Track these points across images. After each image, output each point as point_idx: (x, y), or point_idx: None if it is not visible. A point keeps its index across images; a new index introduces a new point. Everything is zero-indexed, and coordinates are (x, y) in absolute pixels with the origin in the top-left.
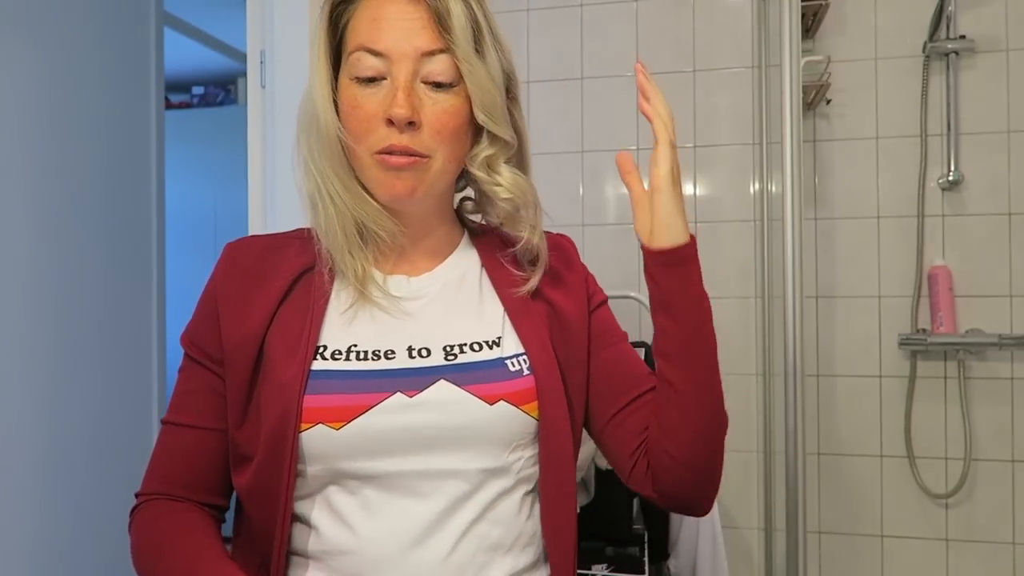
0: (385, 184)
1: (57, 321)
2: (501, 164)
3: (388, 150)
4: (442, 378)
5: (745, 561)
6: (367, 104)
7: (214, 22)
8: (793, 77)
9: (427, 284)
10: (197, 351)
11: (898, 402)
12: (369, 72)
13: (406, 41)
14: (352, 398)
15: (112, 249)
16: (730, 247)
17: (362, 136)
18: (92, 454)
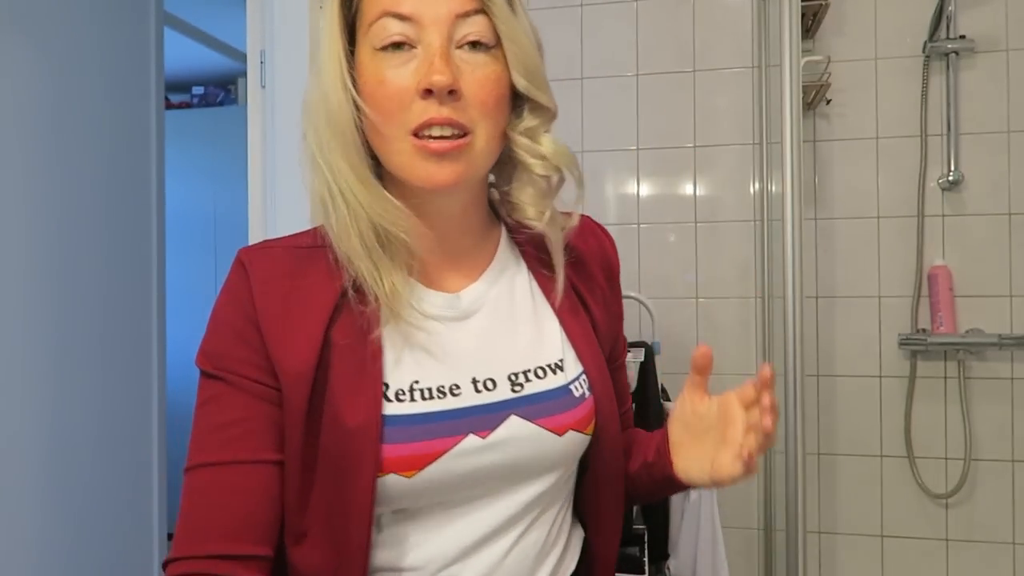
0: (424, 172)
1: (57, 321)
2: (543, 134)
3: (427, 124)
4: (512, 413)
5: (745, 561)
6: (397, 77)
7: (214, 22)
8: (793, 77)
9: (477, 298)
10: (236, 375)
11: (898, 402)
12: (395, 38)
13: (438, 2)
14: (424, 445)
15: (112, 249)
16: (730, 247)
17: (393, 113)
18: (92, 453)
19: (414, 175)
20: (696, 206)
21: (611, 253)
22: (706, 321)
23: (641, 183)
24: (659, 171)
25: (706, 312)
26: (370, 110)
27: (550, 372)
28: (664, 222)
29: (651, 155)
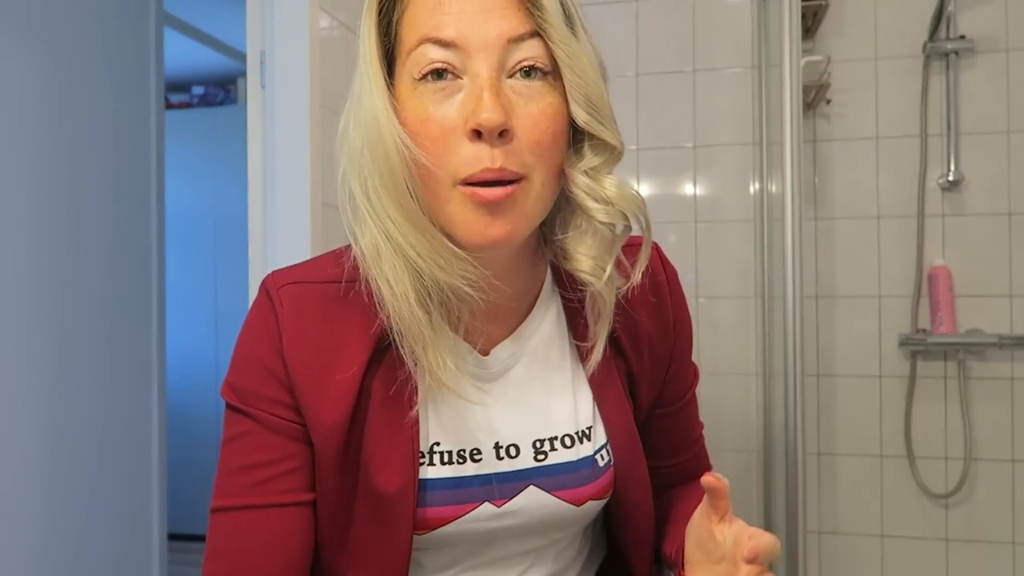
0: (475, 226)
1: (57, 321)
2: (606, 176)
3: (481, 179)
4: (531, 484)
5: None
6: (441, 114)
7: (214, 22)
8: (793, 77)
9: (509, 356)
10: (267, 412)
11: (898, 402)
12: (436, 65)
13: (486, 25)
14: (438, 510)
15: (112, 249)
16: (730, 247)
17: (439, 156)
18: (93, 453)
19: (464, 230)
20: (696, 206)
21: (667, 297)
22: (706, 321)
23: (641, 183)
24: (659, 171)
25: (706, 312)
26: (414, 150)
27: (577, 441)
28: (664, 222)
29: (651, 155)
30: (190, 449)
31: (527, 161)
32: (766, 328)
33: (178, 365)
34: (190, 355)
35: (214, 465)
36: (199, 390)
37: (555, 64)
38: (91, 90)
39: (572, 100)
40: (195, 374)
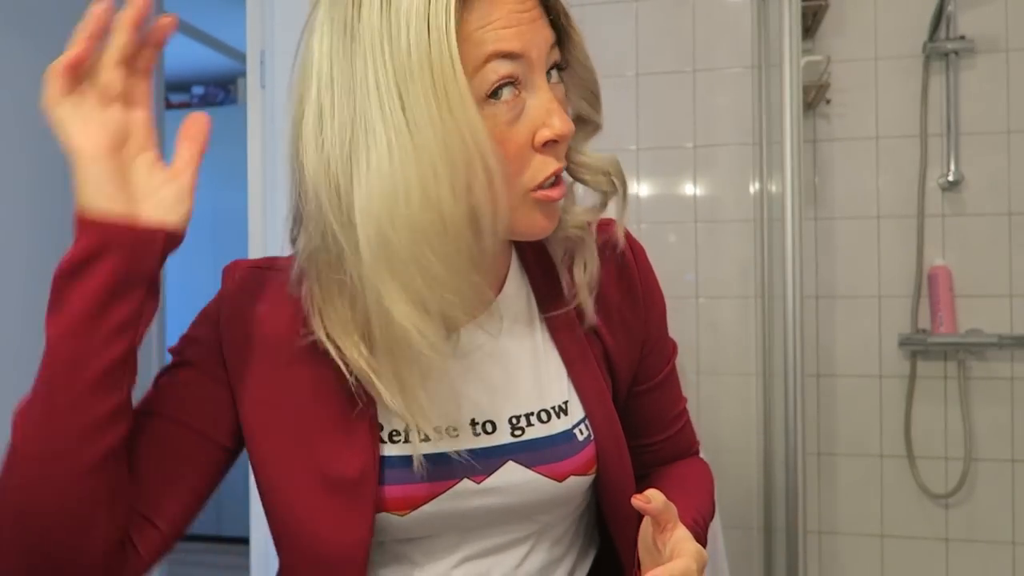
0: (541, 223)
1: None
2: (586, 147)
3: (550, 178)
4: (510, 459)
5: (745, 561)
6: (515, 132)
7: (214, 22)
8: (793, 77)
9: (482, 335)
10: (199, 357)
11: (898, 402)
12: (508, 79)
13: (538, 35)
14: (416, 488)
15: None
16: (730, 247)
17: (515, 175)
18: None
19: (531, 229)
20: (696, 206)
21: (634, 274)
22: (706, 321)
23: (641, 183)
24: (659, 171)
25: (706, 312)
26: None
27: (554, 415)
28: (664, 222)
29: (651, 155)
30: None
31: (563, 152)
32: (766, 328)
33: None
34: None
35: None
36: None
37: (565, 63)
38: None
39: (579, 95)
40: None
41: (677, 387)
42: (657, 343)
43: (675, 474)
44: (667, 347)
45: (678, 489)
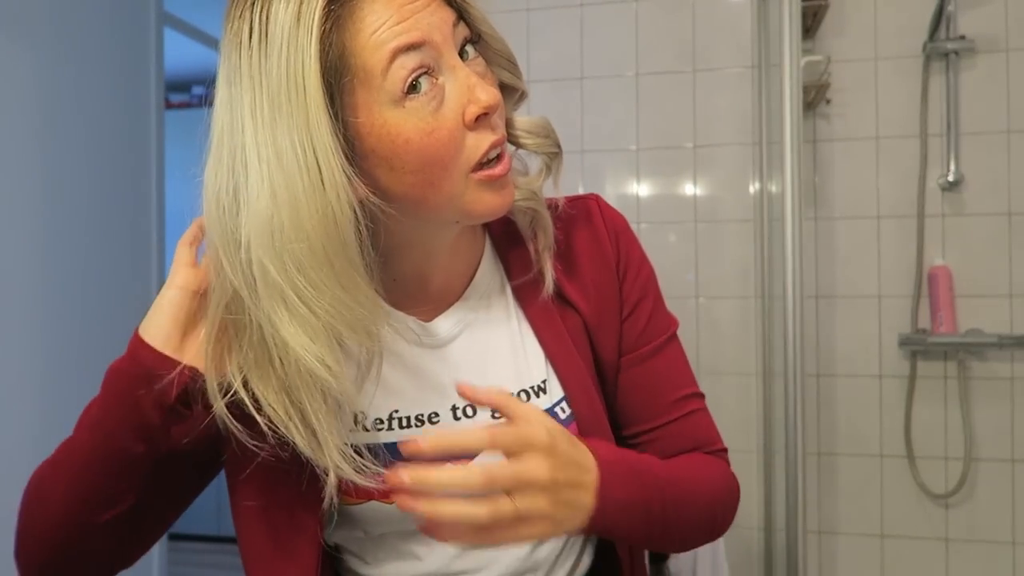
0: (493, 203)
1: (57, 321)
2: (519, 115)
3: (491, 149)
4: None
5: (745, 561)
6: (443, 117)
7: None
8: (793, 77)
9: (455, 323)
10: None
11: (898, 402)
12: (420, 70)
13: (435, 17)
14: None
15: (112, 249)
16: (730, 247)
17: (451, 161)
18: None
19: (483, 209)
20: (696, 206)
21: (605, 240)
22: (706, 321)
23: (641, 183)
24: (659, 171)
25: (706, 312)
26: (416, 171)
27: (533, 395)
28: (664, 222)
29: (651, 155)
30: None
31: (502, 128)
32: (766, 328)
33: None
34: None
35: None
36: None
37: (477, 37)
38: (91, 90)
39: (496, 64)
40: None
41: (679, 369)
42: (639, 308)
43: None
44: (657, 317)
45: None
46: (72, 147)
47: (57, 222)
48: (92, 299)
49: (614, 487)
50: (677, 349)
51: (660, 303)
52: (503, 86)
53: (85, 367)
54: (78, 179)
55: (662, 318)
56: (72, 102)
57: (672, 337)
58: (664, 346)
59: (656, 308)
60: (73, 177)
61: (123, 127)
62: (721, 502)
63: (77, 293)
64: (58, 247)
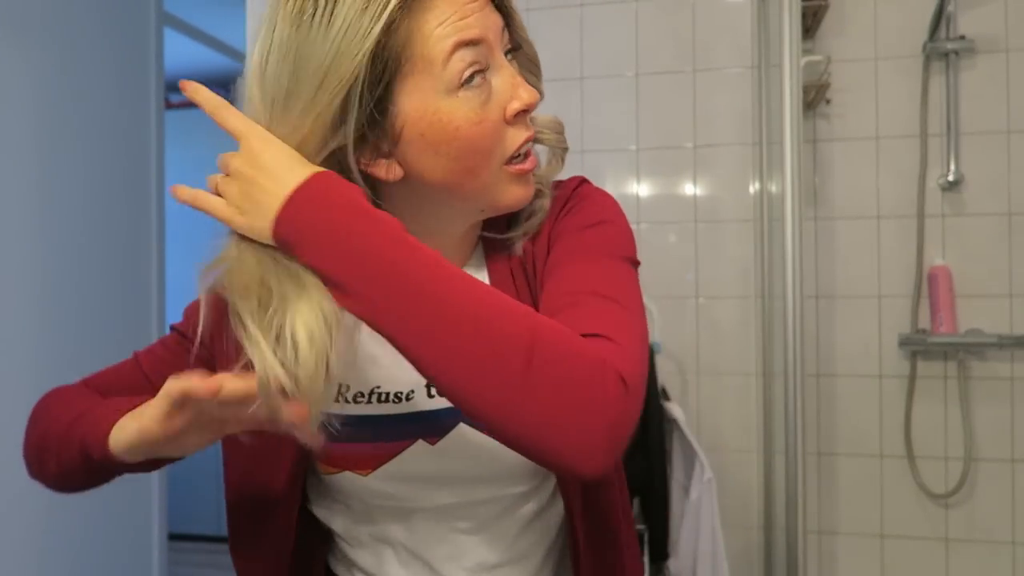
0: (518, 194)
1: (57, 321)
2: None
3: (524, 144)
4: (461, 422)
5: (745, 561)
6: (489, 110)
7: (214, 22)
8: (793, 77)
9: None
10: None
11: (898, 402)
12: (477, 66)
13: (489, 19)
14: (376, 447)
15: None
16: (730, 247)
17: (493, 152)
18: None
19: (508, 201)
20: (696, 206)
21: (554, 214)
22: (706, 321)
23: (641, 183)
24: (659, 171)
25: (706, 312)
26: (460, 158)
27: None
28: (664, 222)
29: (651, 155)
30: None
31: (530, 123)
32: (766, 328)
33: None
34: None
35: (214, 465)
36: None
37: (517, 45)
38: (91, 90)
39: (526, 70)
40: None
41: (573, 272)
42: (564, 238)
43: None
44: (571, 243)
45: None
46: (72, 147)
47: (57, 222)
48: (92, 299)
49: (307, 209)
50: (590, 258)
51: (595, 264)
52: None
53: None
54: (78, 179)
55: (575, 239)
56: (72, 102)
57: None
58: (571, 256)
59: (583, 240)
60: (73, 177)
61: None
62: (540, 350)
63: (77, 293)
64: (58, 247)
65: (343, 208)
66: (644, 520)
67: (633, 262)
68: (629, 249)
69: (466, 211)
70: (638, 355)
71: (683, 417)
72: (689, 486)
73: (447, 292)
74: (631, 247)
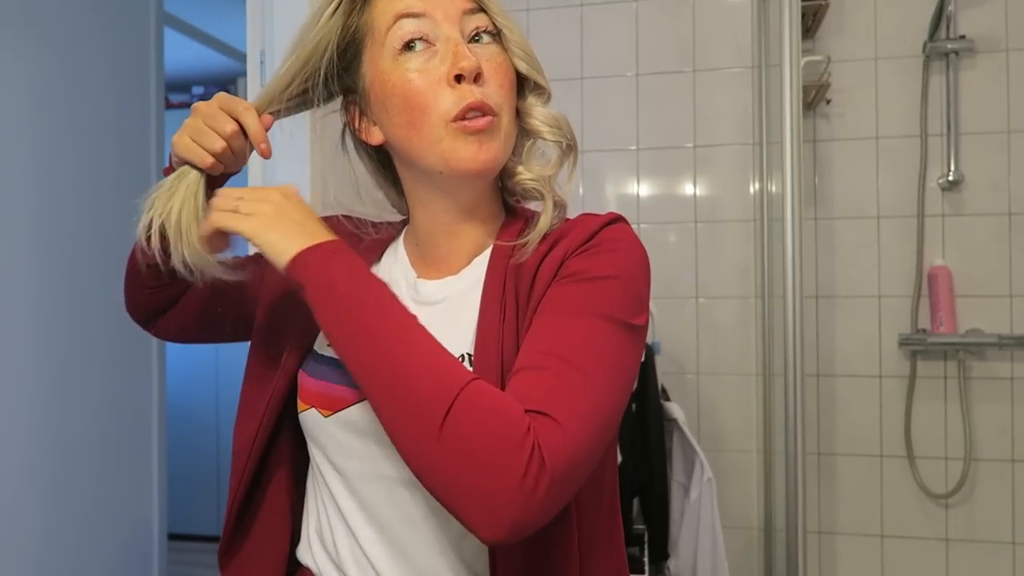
0: (470, 153)
1: (56, 321)
2: (543, 107)
3: (467, 109)
4: None
5: (745, 561)
6: (425, 73)
7: (214, 22)
8: (793, 77)
9: (437, 291)
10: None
11: (898, 402)
12: (414, 34)
13: (447, 1)
14: (340, 389)
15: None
16: (730, 247)
17: (428, 107)
18: (93, 453)
19: (458, 159)
20: (696, 206)
21: (578, 240)
22: (706, 321)
23: (641, 183)
24: (659, 171)
25: (706, 312)
26: (400, 112)
27: (467, 362)
28: (664, 222)
29: (651, 155)
30: (190, 449)
31: (497, 101)
32: (766, 328)
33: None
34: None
35: (214, 465)
36: (199, 390)
37: (497, 31)
38: (91, 90)
39: (514, 55)
40: (195, 374)
41: (558, 329)
42: (565, 282)
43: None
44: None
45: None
46: (72, 147)
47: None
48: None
49: (315, 263)
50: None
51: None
52: (523, 77)
53: (85, 367)
54: (78, 179)
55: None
56: (72, 102)
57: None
58: (561, 306)
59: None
60: (73, 177)
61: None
62: (457, 412)
63: (77, 293)
64: (57, 247)
65: (345, 274)
66: (644, 520)
67: (629, 326)
68: (630, 312)
69: (432, 174)
70: (578, 439)
71: (683, 417)
72: (689, 486)
73: (394, 350)
74: (634, 309)
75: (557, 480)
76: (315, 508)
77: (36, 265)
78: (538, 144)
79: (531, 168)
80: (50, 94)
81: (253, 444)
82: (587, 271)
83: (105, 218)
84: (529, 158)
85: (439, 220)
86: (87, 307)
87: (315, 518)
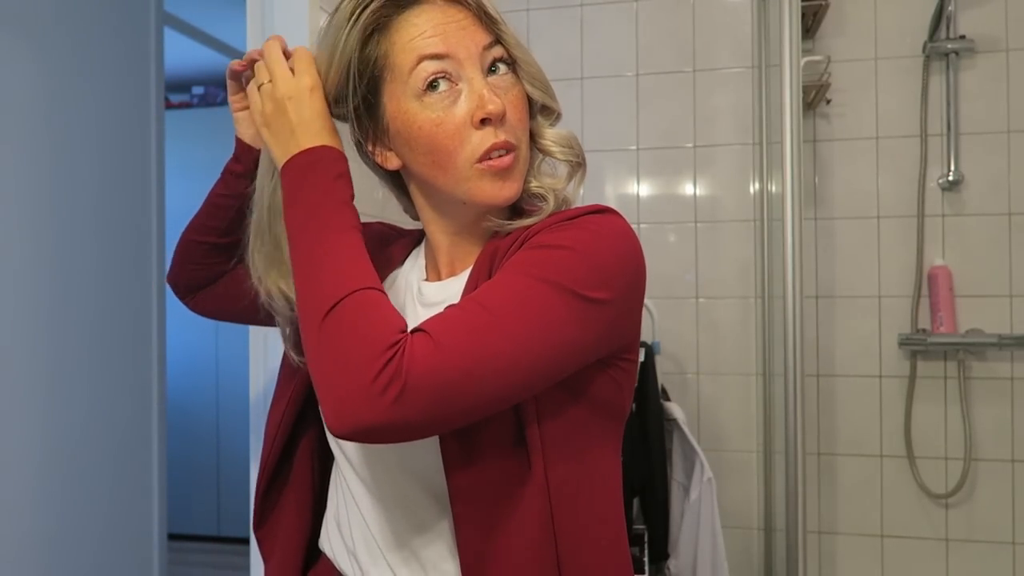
0: (494, 191)
1: (57, 321)
2: (551, 128)
3: (492, 150)
4: None
5: (745, 561)
6: (451, 115)
7: (214, 22)
8: (793, 77)
9: (437, 292)
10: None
11: (898, 402)
12: (438, 75)
13: (467, 39)
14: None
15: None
16: (730, 247)
17: (455, 149)
18: (93, 453)
19: (484, 196)
20: (696, 206)
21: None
22: (706, 321)
23: (641, 183)
24: (659, 171)
25: (706, 312)
26: (427, 153)
27: None
28: (664, 222)
29: (651, 155)
30: (190, 449)
31: (517, 135)
32: (766, 328)
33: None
34: (190, 356)
35: (214, 465)
36: (199, 390)
37: (511, 60)
38: (91, 90)
39: (528, 84)
40: (195, 374)
41: (496, 284)
42: (524, 250)
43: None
44: (527, 259)
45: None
46: (72, 147)
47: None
48: (91, 299)
49: (299, 171)
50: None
51: (517, 279)
52: (534, 102)
53: (85, 367)
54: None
55: (520, 266)
56: (72, 102)
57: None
58: (509, 274)
59: (526, 263)
60: (72, 177)
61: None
62: (338, 314)
63: (76, 293)
64: (57, 246)
65: (322, 172)
66: (644, 520)
67: (576, 294)
68: (581, 283)
69: (454, 202)
70: (450, 360)
71: (683, 417)
72: (689, 486)
73: (314, 249)
74: (587, 282)
75: (411, 389)
76: (334, 495)
77: (36, 265)
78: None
79: (541, 180)
80: (50, 94)
81: (278, 430)
82: (544, 241)
83: (105, 218)
84: (539, 171)
85: (448, 231)
86: (87, 307)
87: (334, 505)
